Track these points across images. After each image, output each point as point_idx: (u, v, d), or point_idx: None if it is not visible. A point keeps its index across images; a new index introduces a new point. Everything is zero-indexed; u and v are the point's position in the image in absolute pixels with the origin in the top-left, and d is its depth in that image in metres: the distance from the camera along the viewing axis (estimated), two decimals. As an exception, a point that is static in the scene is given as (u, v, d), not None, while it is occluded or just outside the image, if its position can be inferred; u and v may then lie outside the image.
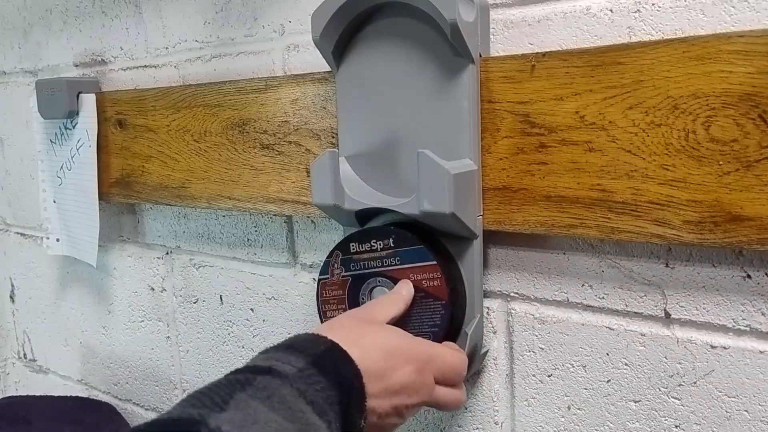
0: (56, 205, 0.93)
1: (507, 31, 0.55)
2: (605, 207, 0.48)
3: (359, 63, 0.58)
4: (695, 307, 0.49)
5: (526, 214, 0.52)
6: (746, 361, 0.47)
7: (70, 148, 0.88)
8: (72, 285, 1.02)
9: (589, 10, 0.51)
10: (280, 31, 0.70)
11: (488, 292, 0.58)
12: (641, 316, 0.51)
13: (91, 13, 0.89)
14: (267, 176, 0.68)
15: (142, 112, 0.80)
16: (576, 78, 0.49)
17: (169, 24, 0.80)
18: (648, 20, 0.48)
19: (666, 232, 0.46)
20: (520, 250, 0.56)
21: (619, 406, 0.53)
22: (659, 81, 0.45)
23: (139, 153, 0.81)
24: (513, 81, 0.51)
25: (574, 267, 0.54)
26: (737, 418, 0.48)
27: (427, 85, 0.54)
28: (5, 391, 1.20)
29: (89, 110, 0.85)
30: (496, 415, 0.59)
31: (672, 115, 0.45)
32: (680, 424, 0.50)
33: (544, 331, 0.56)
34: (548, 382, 0.56)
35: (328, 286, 0.57)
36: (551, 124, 0.50)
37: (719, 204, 0.44)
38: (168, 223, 0.86)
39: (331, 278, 0.57)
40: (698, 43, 0.44)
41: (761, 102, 0.42)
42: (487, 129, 0.53)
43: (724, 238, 0.44)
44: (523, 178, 0.52)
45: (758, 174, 0.42)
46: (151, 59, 0.83)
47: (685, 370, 0.49)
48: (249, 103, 0.69)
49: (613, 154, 0.48)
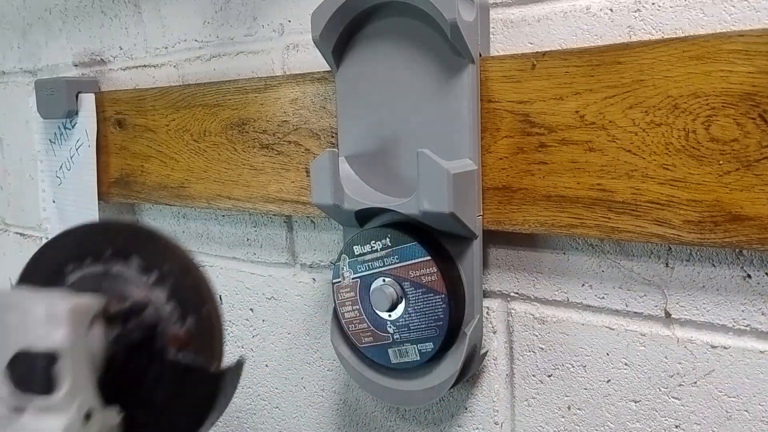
0: (55, 205, 0.93)
1: (507, 30, 0.55)
2: (605, 207, 0.48)
3: (359, 63, 0.58)
4: (695, 307, 0.49)
5: (526, 213, 0.52)
6: (746, 361, 0.47)
7: (70, 148, 0.88)
8: (71, 285, 1.02)
9: (589, 9, 0.51)
10: (280, 31, 0.70)
11: (488, 292, 0.58)
12: (641, 316, 0.51)
13: (90, 12, 0.89)
14: (266, 176, 0.68)
15: (142, 112, 0.79)
16: (576, 77, 0.48)
17: (168, 23, 0.80)
18: (648, 19, 0.48)
19: (666, 231, 0.46)
20: (519, 249, 0.56)
21: (619, 406, 0.53)
22: (659, 80, 0.45)
23: (139, 153, 0.81)
24: (513, 80, 0.51)
25: (574, 267, 0.54)
26: (737, 418, 0.48)
27: (426, 85, 0.54)
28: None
29: (88, 110, 0.85)
30: (496, 415, 0.59)
31: (672, 115, 0.45)
32: (680, 424, 0.50)
33: (544, 331, 0.56)
34: (548, 382, 0.56)
35: (341, 289, 0.59)
36: (551, 124, 0.50)
37: (719, 204, 0.44)
38: (167, 223, 0.86)
39: (342, 281, 0.59)
40: (698, 42, 0.44)
41: (761, 101, 0.42)
42: (486, 129, 0.53)
43: (725, 238, 0.44)
44: (523, 177, 0.52)
45: (758, 174, 0.42)
46: (151, 59, 0.83)
47: (686, 370, 0.49)
48: (248, 102, 0.69)
49: (613, 153, 0.48)
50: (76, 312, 0.27)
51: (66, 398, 0.26)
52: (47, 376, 0.26)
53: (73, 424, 0.26)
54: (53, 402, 0.26)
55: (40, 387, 0.26)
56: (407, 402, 0.59)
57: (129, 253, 0.32)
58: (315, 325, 0.71)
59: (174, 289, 0.32)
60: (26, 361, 0.26)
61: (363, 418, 0.69)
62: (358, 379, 0.62)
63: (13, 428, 0.25)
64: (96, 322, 0.29)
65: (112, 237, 0.33)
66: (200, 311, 0.32)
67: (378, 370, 0.60)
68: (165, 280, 0.32)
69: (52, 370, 0.26)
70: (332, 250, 0.69)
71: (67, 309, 0.27)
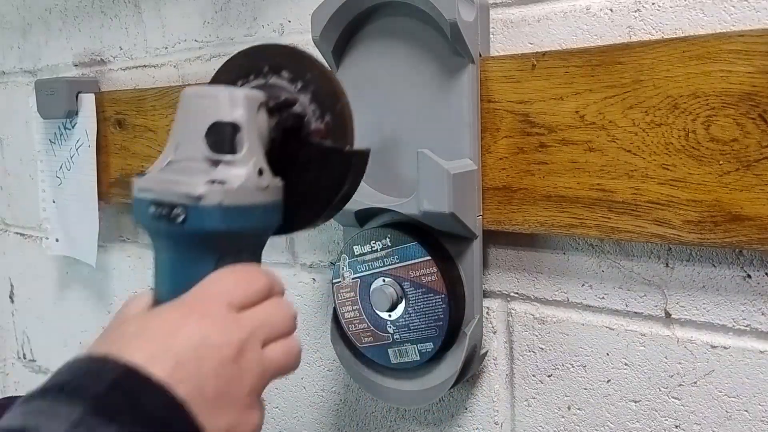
0: (55, 205, 0.93)
1: (507, 30, 0.55)
2: (605, 207, 0.48)
3: (359, 63, 0.58)
4: (695, 307, 0.49)
5: (526, 213, 0.52)
6: (746, 361, 0.47)
7: (70, 148, 0.88)
8: (71, 285, 1.02)
9: (589, 9, 0.51)
10: (280, 31, 0.70)
11: (488, 292, 0.58)
12: (641, 316, 0.51)
13: (90, 12, 0.89)
14: (266, 176, 0.68)
15: (142, 112, 0.79)
16: (576, 77, 0.48)
17: (168, 24, 0.80)
18: (648, 20, 0.48)
19: (666, 231, 0.46)
20: (519, 249, 0.56)
21: (619, 406, 0.53)
22: (659, 80, 0.45)
23: (139, 153, 0.81)
24: (513, 81, 0.51)
25: (574, 267, 0.54)
26: (737, 418, 0.48)
27: (426, 85, 0.54)
28: (5, 391, 1.20)
29: (88, 110, 0.85)
30: (496, 415, 0.59)
31: (672, 115, 0.45)
32: (680, 424, 0.50)
33: (544, 331, 0.56)
34: (548, 382, 0.56)
35: (341, 289, 0.59)
36: (551, 124, 0.50)
37: (719, 204, 0.44)
38: (167, 223, 0.86)
39: (342, 281, 0.59)
40: (698, 42, 0.44)
41: (761, 101, 0.42)
42: (486, 129, 0.53)
43: (725, 238, 0.44)
44: (523, 177, 0.52)
45: (758, 174, 0.42)
46: (151, 59, 0.83)
47: (686, 370, 0.49)
48: (248, 102, 0.69)
49: (613, 153, 0.47)
50: (249, 98, 0.38)
51: (245, 156, 0.37)
52: (232, 141, 0.37)
53: (251, 174, 0.37)
54: (236, 158, 0.37)
55: (228, 148, 0.37)
56: (407, 402, 0.59)
57: (281, 67, 0.43)
58: (315, 325, 0.71)
59: (315, 93, 0.42)
60: (217, 130, 0.37)
61: (363, 418, 0.69)
62: (358, 379, 0.62)
63: (211, 176, 0.36)
64: (261, 109, 0.39)
65: (267, 56, 0.43)
66: (335, 109, 0.42)
67: (378, 370, 0.60)
68: (308, 87, 0.42)
69: (235, 137, 0.37)
70: (332, 250, 0.69)
71: (243, 95, 0.38)
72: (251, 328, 0.35)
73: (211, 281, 0.37)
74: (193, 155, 0.37)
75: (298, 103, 0.42)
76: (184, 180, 0.36)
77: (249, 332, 0.35)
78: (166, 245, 0.38)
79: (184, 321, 0.34)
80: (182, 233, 0.36)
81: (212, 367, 0.33)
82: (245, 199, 0.37)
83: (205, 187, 0.36)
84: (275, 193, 0.40)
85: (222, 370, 0.33)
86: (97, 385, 0.29)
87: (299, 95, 0.42)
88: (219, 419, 0.32)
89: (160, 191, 0.37)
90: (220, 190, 0.36)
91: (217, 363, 0.33)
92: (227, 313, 0.35)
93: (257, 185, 0.38)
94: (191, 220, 0.36)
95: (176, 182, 0.37)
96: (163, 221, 0.36)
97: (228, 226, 0.37)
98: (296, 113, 0.42)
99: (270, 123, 0.40)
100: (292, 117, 0.42)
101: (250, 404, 0.35)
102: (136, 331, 0.34)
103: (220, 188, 0.36)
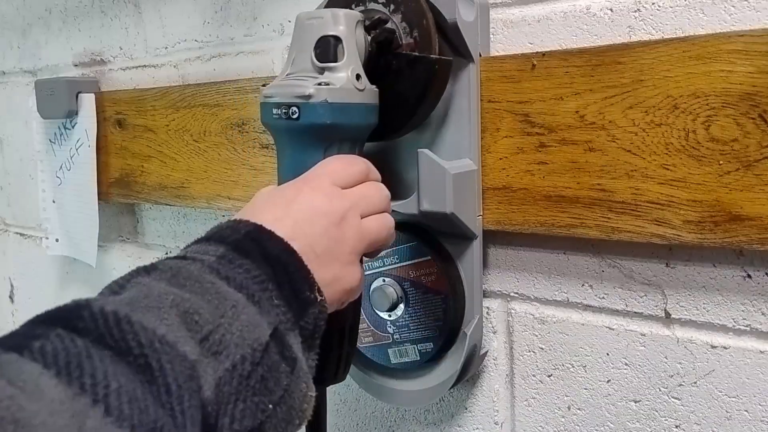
0: (55, 205, 0.93)
1: (507, 30, 0.55)
2: (605, 207, 0.48)
3: (359, 63, 0.58)
4: (695, 307, 0.49)
5: (526, 213, 0.52)
6: (746, 361, 0.47)
7: (70, 148, 0.88)
8: (71, 285, 1.02)
9: (589, 9, 0.51)
10: (280, 31, 0.70)
11: (488, 292, 0.58)
12: (641, 316, 0.51)
13: (90, 12, 0.89)
14: (266, 176, 0.68)
15: (142, 112, 0.79)
16: (576, 77, 0.48)
17: (168, 24, 0.80)
18: (648, 20, 0.48)
19: (666, 231, 0.46)
20: (519, 249, 0.56)
21: (620, 406, 0.53)
22: (659, 80, 0.45)
23: (139, 153, 0.81)
24: (513, 81, 0.51)
25: (574, 267, 0.54)
26: (737, 418, 0.48)
27: (426, 85, 0.54)
28: (5, 391, 1.20)
29: (88, 110, 0.85)
30: (496, 415, 0.59)
31: (672, 115, 0.45)
32: (680, 424, 0.50)
33: (544, 331, 0.56)
34: (548, 382, 0.56)
35: None
36: (551, 124, 0.50)
37: (719, 204, 0.44)
38: (167, 223, 0.86)
39: None
40: (698, 42, 0.44)
41: (761, 101, 0.42)
42: (487, 129, 0.53)
43: (725, 238, 0.44)
44: (523, 177, 0.52)
45: (758, 174, 0.42)
46: (151, 59, 0.83)
47: (686, 370, 0.49)
48: (248, 102, 0.69)
49: (613, 153, 0.47)
50: (348, 16, 0.46)
51: (345, 63, 0.45)
52: (335, 51, 0.45)
53: (351, 78, 0.45)
54: (339, 65, 0.45)
55: (332, 57, 0.45)
56: (407, 402, 0.59)
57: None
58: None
59: (404, 13, 0.50)
60: (323, 43, 0.45)
61: (363, 418, 0.69)
62: (358, 379, 0.62)
63: (319, 80, 0.45)
64: (359, 26, 0.47)
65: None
66: (422, 24, 0.49)
67: (378, 370, 0.60)
68: (399, 8, 0.50)
69: (337, 47, 0.45)
70: (332, 250, 0.69)
71: (343, 14, 0.46)
72: (352, 201, 0.43)
73: (320, 165, 0.44)
74: (305, 66, 0.46)
75: (390, 21, 0.50)
76: (298, 83, 0.45)
77: (350, 204, 0.43)
78: (286, 138, 0.46)
79: (299, 193, 0.42)
80: (297, 127, 0.44)
81: (321, 229, 0.41)
82: (346, 98, 0.45)
83: (313, 88, 0.44)
84: (371, 95, 0.47)
85: (328, 232, 0.41)
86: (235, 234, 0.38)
87: (392, 16, 0.50)
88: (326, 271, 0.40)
89: (280, 95, 0.45)
90: (325, 89, 0.44)
91: (325, 226, 0.41)
92: (333, 188, 0.43)
93: (356, 86, 0.45)
94: (304, 115, 0.44)
95: (292, 86, 0.45)
96: (283, 119, 0.45)
97: (333, 120, 0.44)
98: (388, 29, 0.50)
99: (366, 38, 0.48)
100: (384, 32, 0.49)
101: (351, 262, 0.42)
102: (263, 203, 0.43)
103: (326, 88, 0.44)
